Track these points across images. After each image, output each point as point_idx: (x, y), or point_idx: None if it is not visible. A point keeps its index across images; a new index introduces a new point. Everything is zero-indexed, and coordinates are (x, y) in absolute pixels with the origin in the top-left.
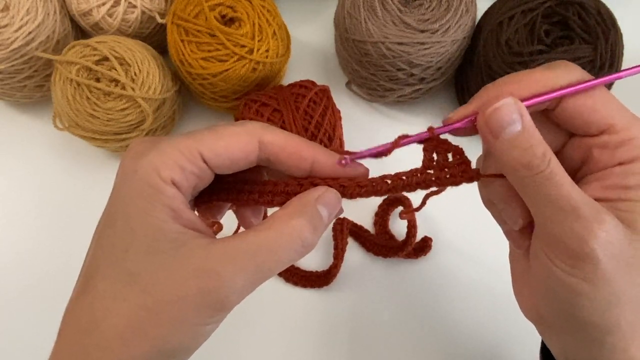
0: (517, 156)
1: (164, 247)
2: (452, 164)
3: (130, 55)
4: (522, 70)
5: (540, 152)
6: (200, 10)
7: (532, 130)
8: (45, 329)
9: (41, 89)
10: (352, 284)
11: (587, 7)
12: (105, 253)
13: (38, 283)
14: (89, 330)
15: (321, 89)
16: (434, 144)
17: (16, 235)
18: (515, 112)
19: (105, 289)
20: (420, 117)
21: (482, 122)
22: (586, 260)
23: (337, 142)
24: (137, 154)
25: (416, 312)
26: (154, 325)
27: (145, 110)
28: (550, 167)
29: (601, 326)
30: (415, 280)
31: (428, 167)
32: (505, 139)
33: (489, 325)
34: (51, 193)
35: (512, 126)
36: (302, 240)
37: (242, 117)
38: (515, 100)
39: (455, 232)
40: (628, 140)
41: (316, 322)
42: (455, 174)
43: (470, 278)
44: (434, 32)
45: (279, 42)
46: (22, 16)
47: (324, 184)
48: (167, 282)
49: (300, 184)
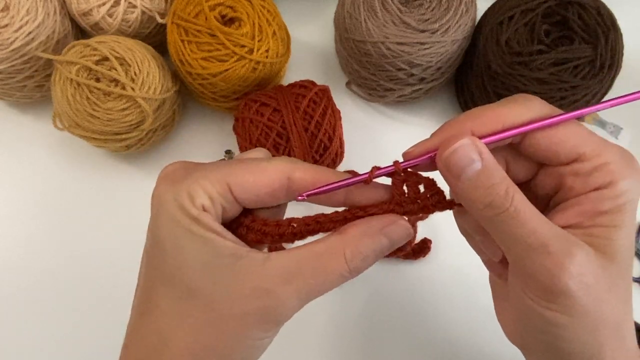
0: (479, 196)
1: (218, 262)
2: (424, 195)
3: (130, 55)
4: (482, 106)
5: (502, 190)
6: (200, 10)
7: (492, 169)
8: (45, 329)
9: (41, 89)
10: (348, 283)
11: (587, 7)
12: (159, 272)
13: (38, 283)
14: (159, 349)
15: (321, 89)
16: (402, 178)
17: (16, 235)
18: (473, 152)
19: (168, 306)
20: (420, 117)
21: (441, 164)
22: (561, 296)
23: (337, 142)
24: (172, 181)
25: (413, 313)
26: (219, 339)
27: (145, 110)
28: (514, 205)
29: (583, 354)
30: (413, 281)
31: (398, 201)
32: (465, 180)
33: (486, 330)
34: (51, 193)
35: (471, 166)
36: (352, 268)
37: (242, 117)
38: (473, 139)
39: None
40: (600, 166)
41: (312, 321)
42: (428, 205)
43: (469, 281)
44: (434, 32)
45: (279, 42)
46: (22, 16)
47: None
48: (229, 298)
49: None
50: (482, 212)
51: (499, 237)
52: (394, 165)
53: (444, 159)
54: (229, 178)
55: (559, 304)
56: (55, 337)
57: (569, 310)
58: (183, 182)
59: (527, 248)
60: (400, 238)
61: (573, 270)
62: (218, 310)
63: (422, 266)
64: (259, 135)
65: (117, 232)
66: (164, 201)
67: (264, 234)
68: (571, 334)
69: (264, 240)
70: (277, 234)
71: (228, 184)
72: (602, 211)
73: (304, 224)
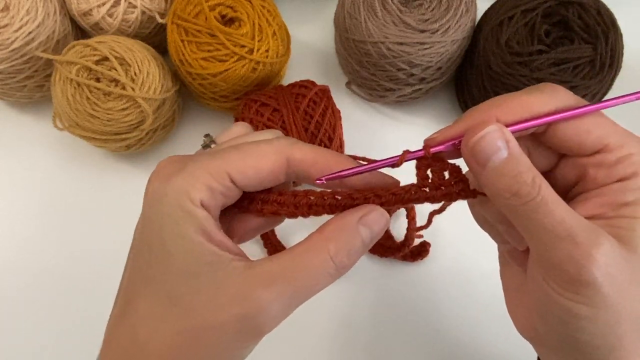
0: (505, 185)
1: (201, 270)
2: (448, 182)
3: (130, 55)
4: (507, 94)
5: (529, 179)
6: (200, 10)
7: (519, 157)
8: (45, 328)
9: (41, 89)
10: (345, 282)
11: (587, 7)
12: (143, 276)
13: (38, 282)
14: (133, 354)
15: (321, 89)
16: (427, 163)
17: (16, 235)
18: (500, 140)
19: (146, 311)
20: (420, 117)
21: (467, 151)
22: (586, 286)
23: (337, 142)
24: (165, 176)
25: (411, 314)
26: (195, 349)
27: (145, 110)
28: (541, 194)
29: (603, 347)
30: (411, 283)
31: (422, 185)
32: (491, 168)
33: (483, 334)
34: (51, 193)
35: (498, 154)
36: (338, 264)
37: (242, 117)
38: (500, 126)
39: (454, 237)
40: (624, 157)
41: (309, 321)
42: (452, 192)
43: (467, 282)
44: (434, 32)
45: (279, 42)
46: (22, 16)
47: (361, 195)
48: (207, 307)
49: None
50: (508, 201)
51: (523, 227)
52: (424, 149)
53: (470, 146)
54: (228, 166)
55: (583, 294)
56: (55, 336)
57: (593, 302)
58: (178, 175)
59: (554, 237)
60: (379, 226)
61: (600, 260)
62: (196, 319)
63: (420, 268)
64: None
65: (117, 232)
66: (157, 199)
67: (280, 204)
68: (592, 326)
69: (280, 211)
70: (293, 203)
71: (227, 172)
72: (625, 202)
73: (321, 197)
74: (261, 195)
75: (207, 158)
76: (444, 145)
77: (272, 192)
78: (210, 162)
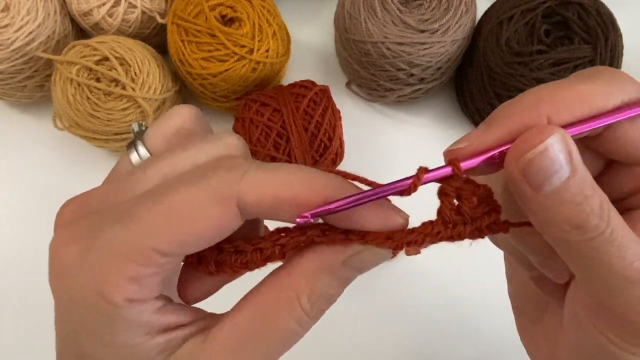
0: (566, 215)
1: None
2: (479, 213)
3: (130, 55)
4: (553, 82)
5: (596, 206)
6: (200, 10)
7: (585, 177)
8: (45, 329)
9: (41, 89)
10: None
11: (587, 7)
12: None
13: (38, 283)
14: None
15: (321, 89)
16: (458, 185)
17: (16, 235)
18: (562, 153)
19: None
20: (420, 117)
21: (516, 170)
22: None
23: (337, 142)
24: (64, 267)
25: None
26: None
27: (146, 110)
28: (610, 226)
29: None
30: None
31: (447, 220)
32: (550, 192)
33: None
34: (51, 193)
35: (559, 174)
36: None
37: (242, 117)
38: (563, 134)
39: None
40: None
41: None
42: (482, 227)
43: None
44: (434, 32)
45: (279, 42)
46: (23, 16)
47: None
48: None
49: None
50: (567, 235)
51: (580, 265)
52: (451, 164)
53: (523, 164)
54: (153, 240)
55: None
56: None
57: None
58: (80, 269)
59: (623, 281)
60: (372, 265)
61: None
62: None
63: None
64: (259, 135)
65: None
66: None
67: (243, 264)
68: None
69: (245, 269)
70: (261, 260)
71: (154, 249)
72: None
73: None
74: (213, 254)
75: (120, 230)
76: (478, 159)
77: (227, 248)
78: (125, 238)
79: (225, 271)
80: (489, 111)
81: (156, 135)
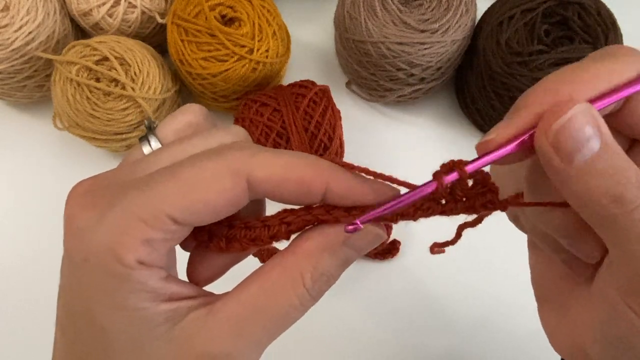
0: (602, 186)
1: (153, 334)
2: (473, 193)
3: (130, 55)
4: (569, 65)
5: (633, 177)
6: (200, 10)
7: (616, 148)
8: (45, 330)
9: (41, 89)
10: None
11: (587, 7)
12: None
13: (38, 283)
14: None
15: (321, 89)
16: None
17: (16, 235)
18: (591, 124)
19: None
20: (420, 117)
21: (544, 142)
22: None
23: (337, 142)
24: (80, 229)
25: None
26: None
27: (146, 110)
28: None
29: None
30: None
31: (437, 197)
32: (582, 163)
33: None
34: (51, 193)
35: (589, 144)
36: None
37: (242, 117)
38: (589, 106)
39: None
40: None
41: None
42: (476, 205)
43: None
44: (434, 32)
45: (279, 42)
46: (22, 16)
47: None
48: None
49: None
50: (605, 209)
51: (617, 239)
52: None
53: (553, 133)
54: (167, 205)
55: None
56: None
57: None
58: (97, 230)
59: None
60: (370, 245)
61: None
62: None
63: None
64: (259, 135)
65: None
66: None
67: (252, 239)
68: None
69: (253, 245)
70: (268, 237)
71: (167, 213)
72: None
73: (302, 221)
74: (224, 230)
75: (136, 195)
76: (509, 146)
77: (236, 228)
78: (141, 202)
79: (235, 247)
80: (489, 111)
81: (167, 128)
